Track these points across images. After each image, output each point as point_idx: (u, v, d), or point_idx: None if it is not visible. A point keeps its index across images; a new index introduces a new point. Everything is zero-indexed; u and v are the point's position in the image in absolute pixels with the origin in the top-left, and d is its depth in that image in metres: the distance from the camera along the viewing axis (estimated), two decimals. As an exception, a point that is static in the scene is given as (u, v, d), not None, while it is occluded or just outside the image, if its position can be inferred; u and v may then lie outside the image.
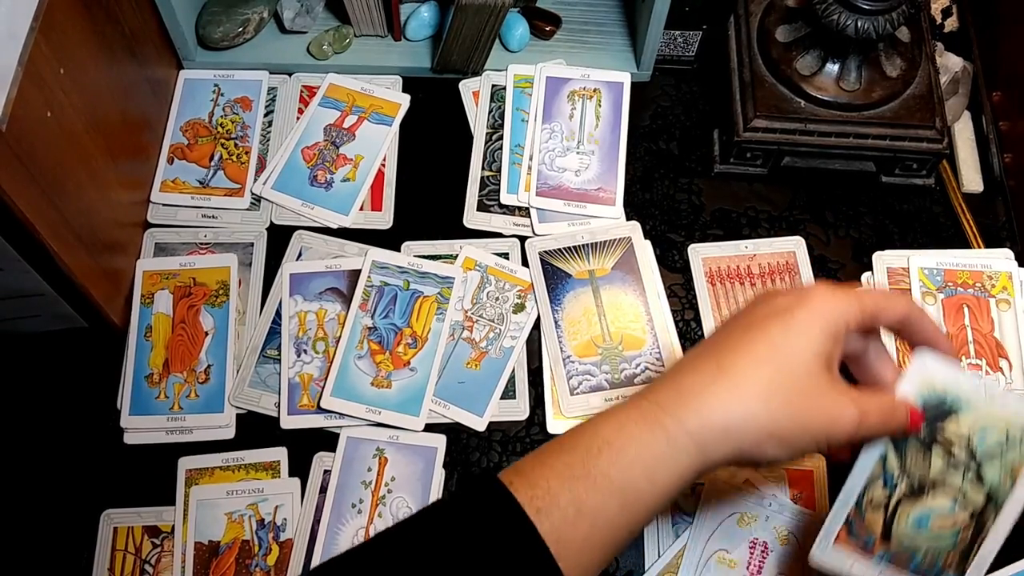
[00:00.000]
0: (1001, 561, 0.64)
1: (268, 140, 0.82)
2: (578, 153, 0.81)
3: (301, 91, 0.85)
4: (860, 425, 0.50)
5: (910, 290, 0.75)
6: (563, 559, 0.46)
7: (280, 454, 0.70)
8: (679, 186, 0.82)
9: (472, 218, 0.80)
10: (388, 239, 0.78)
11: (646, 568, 0.67)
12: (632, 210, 0.81)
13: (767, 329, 0.50)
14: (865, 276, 0.74)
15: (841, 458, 0.56)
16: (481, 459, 0.71)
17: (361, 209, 0.80)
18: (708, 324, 0.75)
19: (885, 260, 0.77)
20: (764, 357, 0.49)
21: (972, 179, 0.83)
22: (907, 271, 0.76)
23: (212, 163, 0.81)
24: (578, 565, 0.46)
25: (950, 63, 0.84)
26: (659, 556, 0.67)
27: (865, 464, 0.55)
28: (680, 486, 0.49)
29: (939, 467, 0.54)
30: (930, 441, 0.55)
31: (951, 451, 0.54)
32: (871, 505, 0.55)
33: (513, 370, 0.73)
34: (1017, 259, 0.77)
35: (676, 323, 0.75)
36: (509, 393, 0.73)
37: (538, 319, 0.75)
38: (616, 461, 0.47)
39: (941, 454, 0.54)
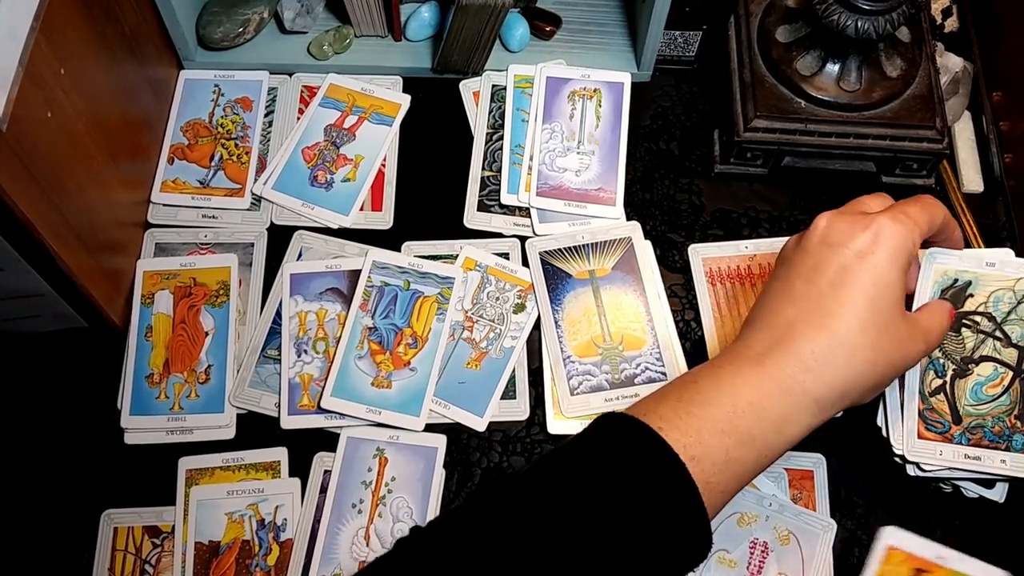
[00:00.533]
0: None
1: (268, 140, 0.83)
2: (578, 153, 0.81)
3: (301, 91, 0.85)
4: (928, 348, 0.58)
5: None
6: (707, 501, 0.51)
7: (280, 454, 0.70)
8: (679, 186, 0.82)
9: (472, 218, 0.80)
10: (388, 239, 0.79)
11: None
12: (632, 210, 0.81)
13: (859, 283, 0.54)
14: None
15: None
16: (481, 459, 0.71)
17: (361, 209, 0.80)
18: (708, 324, 0.75)
19: None
20: (864, 317, 0.53)
21: (972, 179, 0.83)
22: None
23: (212, 163, 0.81)
24: (713, 506, 0.52)
25: (950, 63, 0.84)
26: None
27: None
28: (803, 436, 0.54)
29: (972, 342, 0.64)
30: (958, 323, 0.64)
31: (976, 324, 0.64)
32: (932, 394, 0.63)
33: (513, 370, 0.73)
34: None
35: (676, 323, 0.75)
36: (509, 393, 0.73)
37: (538, 319, 0.75)
38: (758, 422, 0.52)
39: (970, 330, 0.64)
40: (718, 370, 0.55)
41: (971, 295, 0.64)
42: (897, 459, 0.65)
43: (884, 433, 0.64)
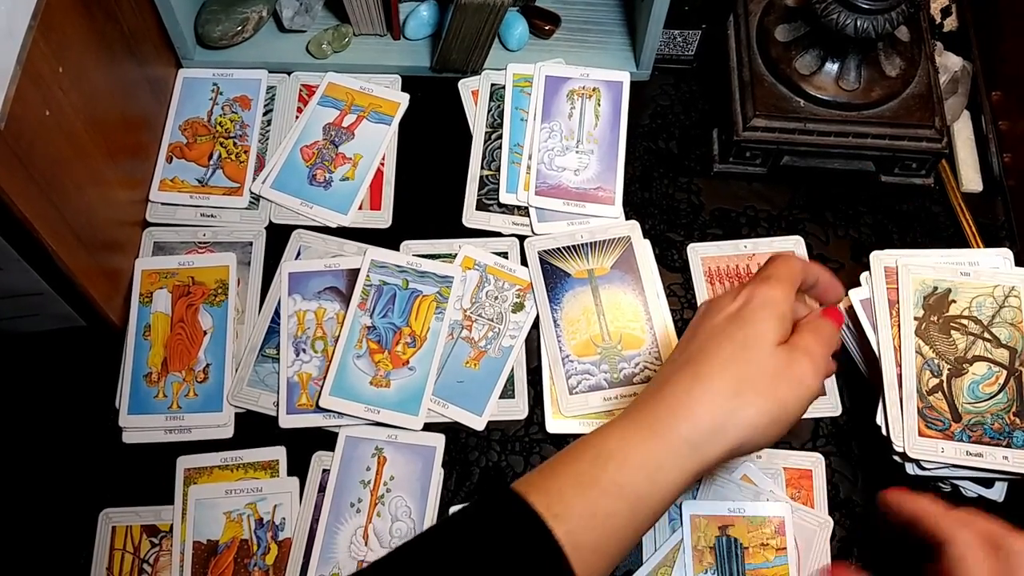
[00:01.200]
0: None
1: (267, 139, 0.82)
2: (577, 152, 0.81)
3: (300, 90, 0.85)
4: (814, 362, 0.55)
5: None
6: (577, 562, 0.49)
7: (279, 453, 0.70)
8: (678, 185, 0.82)
9: (471, 217, 0.80)
10: (387, 238, 0.78)
11: (643, 561, 0.67)
12: (631, 209, 0.80)
13: (727, 331, 0.55)
14: (863, 276, 0.74)
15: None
16: (480, 458, 0.71)
17: (360, 208, 0.80)
18: (707, 323, 0.75)
19: (883, 260, 0.76)
20: (729, 355, 0.54)
21: (971, 179, 0.83)
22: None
23: (211, 162, 0.81)
24: (590, 568, 0.50)
25: (949, 63, 0.84)
26: (656, 550, 0.67)
27: (908, 358, 0.66)
28: (682, 485, 0.52)
29: (963, 343, 0.66)
30: (947, 325, 0.66)
31: (964, 327, 0.66)
32: (930, 392, 0.65)
33: (512, 369, 0.73)
34: (1016, 259, 0.77)
35: (675, 322, 0.75)
36: (508, 392, 0.73)
37: (537, 318, 0.75)
38: (621, 468, 0.51)
39: (959, 332, 0.66)
40: (593, 431, 0.54)
41: (954, 301, 0.66)
42: (897, 458, 0.65)
43: (884, 432, 0.64)
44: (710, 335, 0.56)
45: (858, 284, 0.71)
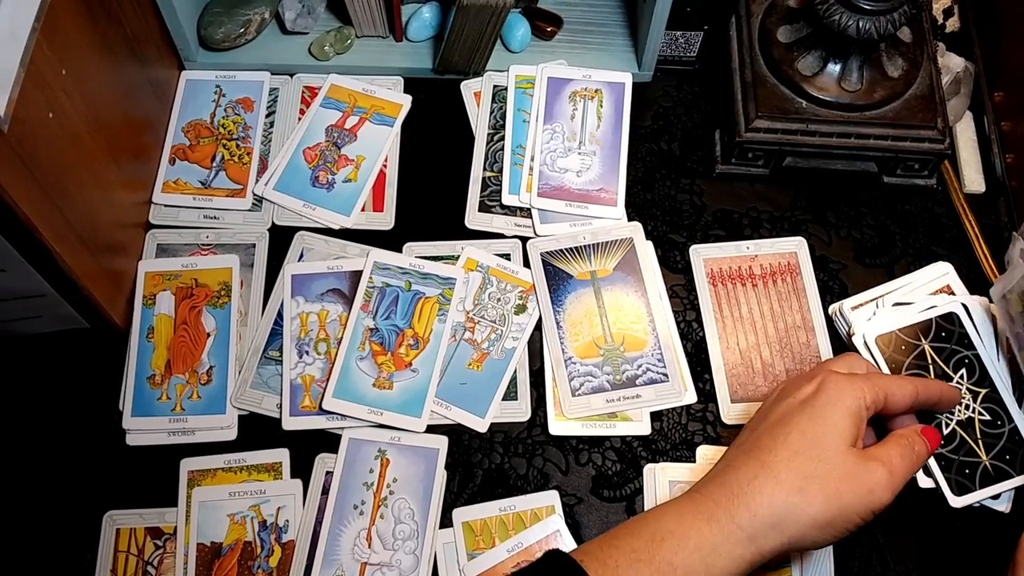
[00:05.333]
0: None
1: (270, 141, 0.82)
2: (579, 154, 0.81)
3: (303, 92, 0.85)
4: (892, 480, 0.55)
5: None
6: None
7: (282, 455, 0.70)
8: (680, 187, 0.82)
9: (473, 219, 0.80)
10: (390, 240, 0.78)
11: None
12: (634, 211, 0.80)
13: (796, 421, 0.56)
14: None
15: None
16: (483, 460, 0.71)
17: (363, 210, 0.80)
18: (710, 325, 0.75)
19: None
20: (796, 448, 0.54)
21: (974, 180, 0.83)
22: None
23: (214, 164, 0.81)
24: None
25: (952, 63, 0.84)
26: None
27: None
28: (736, 574, 0.53)
29: None
30: None
31: None
32: None
33: (515, 371, 0.73)
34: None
35: (678, 324, 0.75)
36: (511, 394, 0.73)
37: (540, 320, 0.75)
38: (678, 550, 0.52)
39: None
40: (655, 507, 0.56)
41: None
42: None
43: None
44: (779, 422, 0.56)
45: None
